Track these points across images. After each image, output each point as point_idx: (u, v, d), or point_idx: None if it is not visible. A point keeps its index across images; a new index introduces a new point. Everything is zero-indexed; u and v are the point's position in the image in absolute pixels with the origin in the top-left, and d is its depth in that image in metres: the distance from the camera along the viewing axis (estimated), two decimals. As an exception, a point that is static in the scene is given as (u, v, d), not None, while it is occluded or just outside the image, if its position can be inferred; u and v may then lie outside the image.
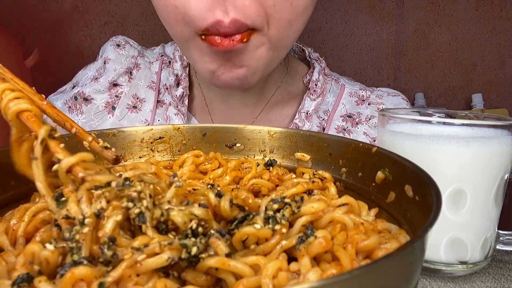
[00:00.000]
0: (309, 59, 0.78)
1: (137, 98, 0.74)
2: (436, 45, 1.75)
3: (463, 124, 0.41)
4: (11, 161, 0.36)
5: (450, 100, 1.81)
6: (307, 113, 0.72)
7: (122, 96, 0.73)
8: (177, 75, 0.74)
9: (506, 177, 0.42)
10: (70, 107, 0.72)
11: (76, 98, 0.73)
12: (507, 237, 0.44)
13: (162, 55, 0.78)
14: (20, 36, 1.21)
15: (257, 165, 0.41)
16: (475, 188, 0.40)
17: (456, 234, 0.41)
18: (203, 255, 0.24)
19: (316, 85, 0.73)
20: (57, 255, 0.25)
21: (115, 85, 0.74)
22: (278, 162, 0.43)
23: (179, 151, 0.45)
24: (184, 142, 0.45)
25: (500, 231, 0.44)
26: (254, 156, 0.45)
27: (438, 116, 0.47)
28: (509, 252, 0.47)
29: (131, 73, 0.75)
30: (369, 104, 0.75)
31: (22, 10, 1.33)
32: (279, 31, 0.55)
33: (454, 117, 0.47)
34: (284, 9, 0.54)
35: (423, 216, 0.26)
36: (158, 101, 0.74)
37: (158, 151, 0.44)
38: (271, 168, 0.42)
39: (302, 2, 0.55)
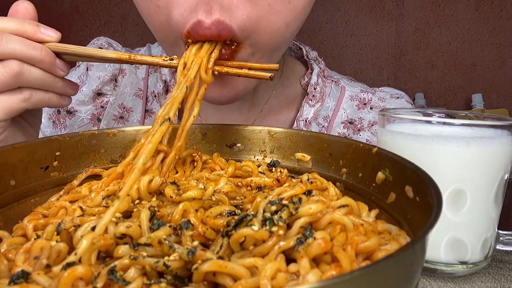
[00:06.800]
0: (307, 59, 0.73)
1: (124, 108, 0.68)
2: (436, 45, 1.75)
3: (463, 124, 0.41)
4: (11, 161, 0.36)
5: (450, 100, 1.81)
6: (306, 121, 0.68)
7: (108, 106, 0.68)
8: (165, 81, 0.69)
9: (506, 177, 0.42)
10: (54, 122, 0.66)
11: (59, 112, 0.67)
12: (507, 237, 0.44)
13: None
14: (20, 36, 1.21)
15: (258, 166, 0.41)
16: (475, 188, 0.40)
17: (456, 234, 0.41)
18: (197, 264, 0.24)
19: (315, 89, 0.69)
20: (67, 249, 0.26)
21: (100, 94, 0.68)
22: (279, 163, 0.43)
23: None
24: (184, 142, 0.45)
25: (500, 231, 0.44)
26: (254, 156, 0.45)
27: (438, 116, 0.46)
28: (509, 252, 0.47)
29: (116, 80, 0.69)
30: (371, 108, 0.71)
31: (22, 10, 1.33)
32: (276, 35, 0.48)
33: (454, 117, 0.46)
34: (282, 9, 0.47)
35: (424, 217, 0.26)
36: (146, 110, 0.69)
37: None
38: (273, 168, 0.42)
39: (301, 0, 0.48)
